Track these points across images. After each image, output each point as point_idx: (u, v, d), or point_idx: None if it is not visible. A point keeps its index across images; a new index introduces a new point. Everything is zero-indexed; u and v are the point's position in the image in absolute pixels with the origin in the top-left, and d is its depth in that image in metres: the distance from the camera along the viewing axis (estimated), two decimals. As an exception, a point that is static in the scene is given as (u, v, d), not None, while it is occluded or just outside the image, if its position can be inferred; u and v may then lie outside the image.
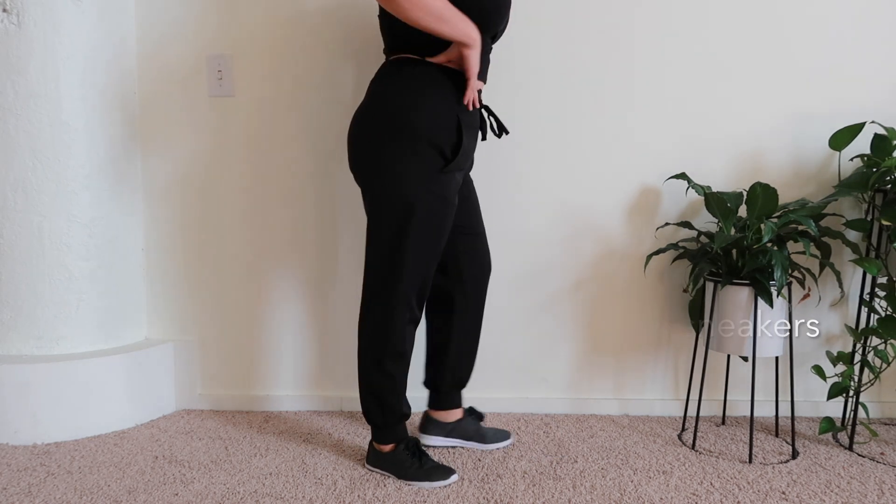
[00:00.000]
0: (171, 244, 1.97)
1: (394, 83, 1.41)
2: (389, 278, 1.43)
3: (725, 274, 1.67)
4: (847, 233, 1.89)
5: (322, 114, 1.90)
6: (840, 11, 1.85)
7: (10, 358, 1.73)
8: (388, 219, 1.41)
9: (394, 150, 1.38)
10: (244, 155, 1.93)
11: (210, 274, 1.97)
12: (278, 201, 1.94)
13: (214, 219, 1.95)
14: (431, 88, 1.39)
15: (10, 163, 1.71)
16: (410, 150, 1.37)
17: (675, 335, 1.96)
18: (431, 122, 1.38)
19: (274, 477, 1.51)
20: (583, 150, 1.90)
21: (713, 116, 1.89)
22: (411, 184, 1.37)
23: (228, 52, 1.89)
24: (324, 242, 1.95)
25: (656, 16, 1.86)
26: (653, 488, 1.46)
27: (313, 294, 1.96)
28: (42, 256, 1.74)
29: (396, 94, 1.40)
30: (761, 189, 1.59)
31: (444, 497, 1.41)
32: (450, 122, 1.39)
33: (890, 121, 1.87)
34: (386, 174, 1.39)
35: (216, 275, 1.97)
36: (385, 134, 1.38)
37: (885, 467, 1.60)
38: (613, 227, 1.92)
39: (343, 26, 1.88)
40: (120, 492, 1.43)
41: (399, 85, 1.40)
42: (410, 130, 1.37)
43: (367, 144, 1.42)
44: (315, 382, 2.00)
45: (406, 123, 1.37)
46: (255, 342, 1.99)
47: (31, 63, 1.69)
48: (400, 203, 1.38)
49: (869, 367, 1.68)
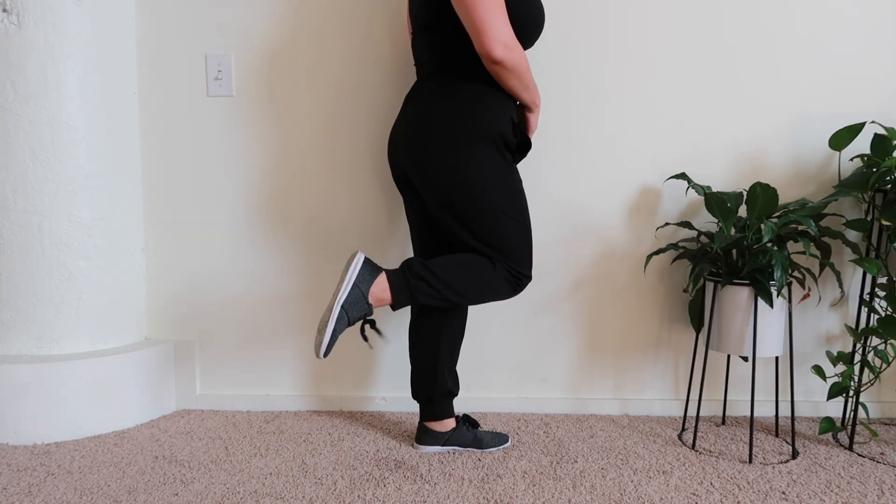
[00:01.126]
0: (171, 244, 1.97)
1: (460, 92, 1.48)
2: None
3: (725, 274, 1.67)
4: (847, 233, 1.89)
5: (322, 114, 1.91)
6: (840, 11, 1.85)
7: (9, 358, 1.73)
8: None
9: (472, 149, 1.46)
10: (244, 155, 1.93)
11: (210, 274, 1.97)
12: (278, 201, 1.94)
13: (214, 219, 1.95)
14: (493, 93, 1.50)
15: (10, 163, 1.71)
16: (485, 146, 1.47)
17: (675, 335, 1.96)
18: (500, 121, 1.48)
19: (274, 477, 1.51)
20: (583, 150, 1.90)
21: (713, 116, 1.89)
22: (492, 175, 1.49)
23: (228, 51, 1.89)
24: (323, 242, 1.95)
25: (656, 16, 1.86)
26: (653, 488, 1.46)
27: (313, 294, 1.97)
28: (42, 256, 1.74)
29: (465, 101, 1.47)
30: (761, 189, 1.59)
31: (445, 497, 1.41)
32: (508, 122, 1.50)
33: (890, 121, 1.87)
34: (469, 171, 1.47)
35: (216, 275, 1.97)
36: (462, 135, 1.46)
37: (885, 467, 1.60)
38: (613, 227, 1.93)
39: (343, 26, 1.88)
40: (120, 492, 1.43)
41: (468, 93, 1.48)
42: (484, 130, 1.46)
43: (451, 148, 1.47)
44: (315, 382, 2.00)
45: (479, 124, 1.46)
46: (255, 342, 1.99)
47: (31, 63, 1.69)
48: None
49: (869, 367, 1.68)
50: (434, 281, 1.48)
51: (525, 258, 1.53)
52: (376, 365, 1.98)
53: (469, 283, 1.49)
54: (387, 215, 1.93)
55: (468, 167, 1.45)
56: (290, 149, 1.92)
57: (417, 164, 1.50)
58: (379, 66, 1.89)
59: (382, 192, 1.93)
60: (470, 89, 1.47)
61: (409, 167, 1.52)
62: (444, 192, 1.48)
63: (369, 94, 1.90)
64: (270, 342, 1.99)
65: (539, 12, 1.50)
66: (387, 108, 1.90)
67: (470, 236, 1.50)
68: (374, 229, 1.94)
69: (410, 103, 1.54)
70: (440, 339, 1.63)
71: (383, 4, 1.87)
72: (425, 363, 1.65)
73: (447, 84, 1.49)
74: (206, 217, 1.95)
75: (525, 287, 1.56)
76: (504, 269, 1.51)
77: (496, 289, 1.52)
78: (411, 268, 1.49)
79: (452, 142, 1.45)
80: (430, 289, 1.48)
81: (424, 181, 1.50)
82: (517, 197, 1.52)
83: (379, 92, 1.90)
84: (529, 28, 1.49)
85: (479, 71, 1.47)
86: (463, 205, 1.47)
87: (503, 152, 1.49)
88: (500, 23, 1.36)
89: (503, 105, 1.49)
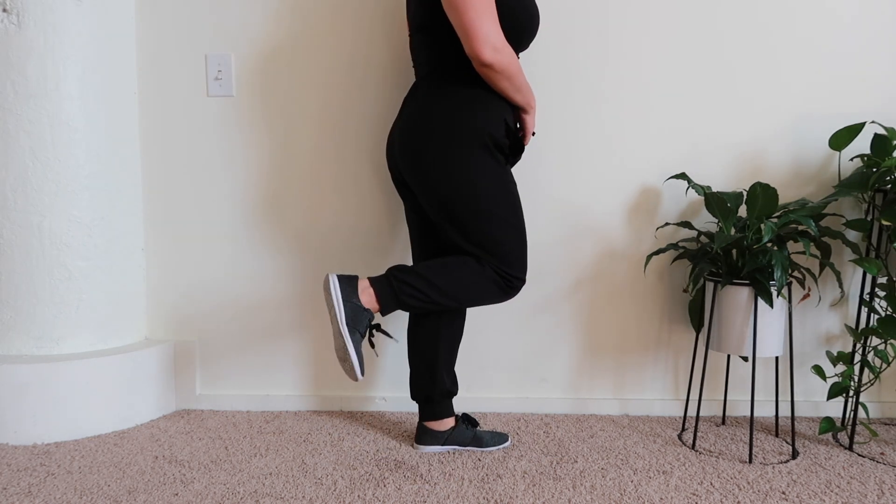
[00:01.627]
0: (171, 244, 1.97)
1: (454, 93, 1.48)
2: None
3: (725, 274, 1.67)
4: (847, 233, 1.89)
5: (322, 114, 1.91)
6: (840, 11, 1.85)
7: (9, 358, 1.73)
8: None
9: (465, 151, 1.47)
10: (244, 155, 1.93)
11: (210, 274, 1.97)
12: (277, 201, 1.94)
13: (214, 218, 1.95)
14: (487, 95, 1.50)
15: (10, 163, 1.71)
16: (477, 147, 1.47)
17: (675, 335, 1.96)
18: (492, 123, 1.48)
19: (274, 477, 1.51)
20: (582, 150, 1.90)
21: (713, 116, 1.89)
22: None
23: (228, 51, 1.89)
24: (323, 242, 1.95)
25: (656, 16, 1.86)
26: (653, 488, 1.46)
27: (313, 294, 1.97)
28: (42, 256, 1.74)
29: (459, 103, 1.48)
30: (761, 189, 1.59)
31: (445, 497, 1.41)
32: (501, 124, 1.50)
33: (890, 121, 1.87)
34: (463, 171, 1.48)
35: (216, 275, 1.97)
36: (455, 137, 1.46)
37: (885, 467, 1.60)
38: (613, 227, 1.93)
39: (343, 26, 1.88)
40: (120, 492, 1.43)
41: (462, 95, 1.48)
42: (476, 132, 1.46)
43: (444, 150, 1.47)
44: (315, 382, 2.00)
45: (470, 125, 1.46)
46: (255, 342, 1.99)
47: (31, 63, 1.69)
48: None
49: (869, 367, 1.68)
50: (419, 283, 1.48)
51: (517, 261, 1.52)
52: (376, 365, 1.98)
53: (456, 286, 1.49)
54: (387, 216, 1.93)
55: (461, 169, 1.45)
56: (290, 149, 1.92)
57: (411, 165, 1.50)
58: (379, 66, 1.89)
59: (383, 193, 1.93)
60: (464, 91, 1.47)
61: (403, 168, 1.52)
62: (437, 194, 1.48)
63: (369, 94, 1.90)
64: (270, 342, 1.99)
65: (533, 15, 1.50)
66: (387, 108, 1.90)
67: (462, 238, 1.49)
68: (374, 229, 1.94)
69: (407, 104, 1.54)
70: (439, 339, 1.63)
71: (383, 4, 1.87)
72: (424, 364, 1.65)
73: (442, 85, 1.49)
74: (206, 217, 1.95)
75: (518, 291, 1.55)
76: (493, 271, 1.50)
77: (485, 291, 1.51)
78: (395, 272, 1.49)
79: (445, 143, 1.45)
80: (415, 291, 1.47)
81: (418, 182, 1.50)
82: (510, 199, 1.51)
83: (379, 92, 1.90)
84: (524, 31, 1.49)
85: (473, 73, 1.47)
86: (455, 206, 1.47)
87: (495, 154, 1.49)
88: (489, 25, 1.36)
89: (496, 107, 1.48)
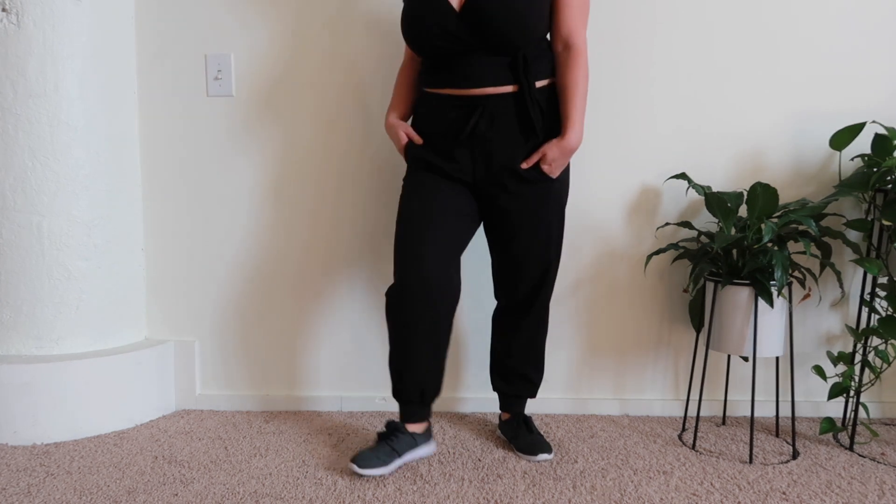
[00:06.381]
0: (171, 244, 1.97)
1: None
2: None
3: (726, 274, 1.67)
4: (847, 233, 1.89)
5: (322, 113, 1.91)
6: (841, 11, 1.85)
7: (10, 358, 1.73)
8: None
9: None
10: (243, 155, 1.93)
11: (210, 274, 1.97)
12: (277, 201, 1.94)
13: (214, 219, 1.95)
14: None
15: (10, 163, 1.71)
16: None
17: (675, 335, 1.96)
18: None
19: (274, 477, 1.51)
20: (582, 150, 1.90)
21: (714, 116, 1.89)
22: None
23: (228, 51, 1.89)
24: (323, 241, 1.95)
25: (656, 15, 1.86)
26: (653, 488, 1.46)
27: (313, 294, 1.96)
28: (42, 256, 1.74)
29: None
30: (762, 189, 1.59)
31: (445, 497, 1.41)
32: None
33: (890, 121, 1.87)
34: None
35: (216, 275, 1.97)
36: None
37: (885, 467, 1.60)
38: (613, 227, 1.92)
39: (343, 27, 1.88)
40: (120, 492, 1.43)
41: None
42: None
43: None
44: (315, 382, 2.00)
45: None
46: (255, 342, 1.99)
47: (31, 63, 1.69)
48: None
49: (869, 367, 1.68)
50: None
51: (395, 263, 1.54)
52: (376, 365, 1.98)
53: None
54: (388, 216, 1.93)
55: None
56: (290, 149, 1.92)
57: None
58: (379, 66, 1.89)
59: (383, 192, 1.93)
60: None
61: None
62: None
63: (370, 93, 1.90)
64: (270, 342, 1.99)
65: (411, 26, 1.50)
66: (387, 107, 1.89)
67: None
68: (374, 229, 1.94)
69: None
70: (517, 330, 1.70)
71: (383, 4, 1.87)
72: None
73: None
74: (206, 217, 1.95)
75: (392, 295, 1.53)
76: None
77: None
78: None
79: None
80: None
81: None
82: (404, 203, 1.57)
83: (379, 92, 1.89)
84: (406, 37, 1.54)
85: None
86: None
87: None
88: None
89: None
